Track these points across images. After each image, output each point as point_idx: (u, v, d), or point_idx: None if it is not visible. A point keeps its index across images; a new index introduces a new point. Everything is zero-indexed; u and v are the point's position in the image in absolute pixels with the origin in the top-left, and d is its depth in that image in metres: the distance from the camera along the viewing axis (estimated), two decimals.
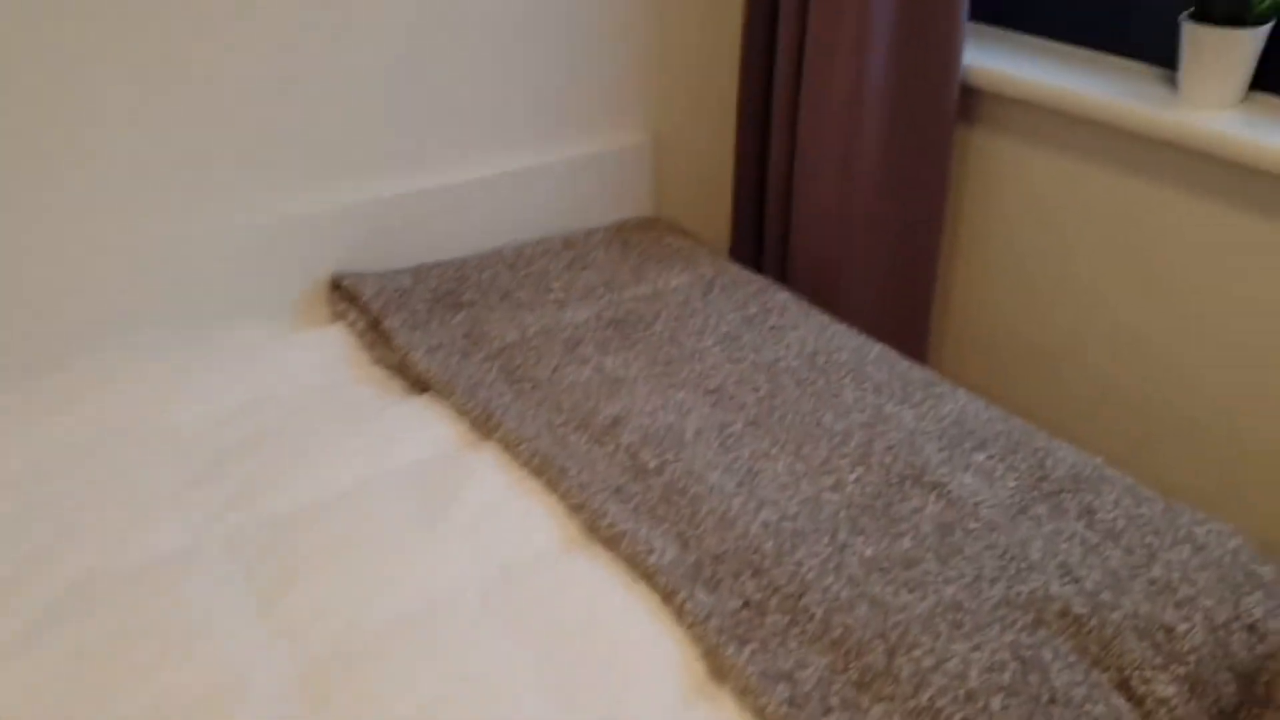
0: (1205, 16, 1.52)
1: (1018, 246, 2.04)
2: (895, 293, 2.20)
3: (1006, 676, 1.17)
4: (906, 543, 1.35)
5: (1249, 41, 1.50)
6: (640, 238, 2.17)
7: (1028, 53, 1.95)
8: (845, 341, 1.76)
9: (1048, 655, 1.20)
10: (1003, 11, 2.03)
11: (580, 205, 2.22)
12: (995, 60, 1.90)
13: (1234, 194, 1.58)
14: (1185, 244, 1.71)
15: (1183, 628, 1.23)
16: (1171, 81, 1.75)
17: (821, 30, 1.94)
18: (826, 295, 2.20)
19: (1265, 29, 1.50)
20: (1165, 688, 1.19)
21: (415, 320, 1.83)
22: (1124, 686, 1.19)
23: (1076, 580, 1.28)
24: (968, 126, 2.04)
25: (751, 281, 1.99)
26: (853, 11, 1.88)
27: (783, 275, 2.35)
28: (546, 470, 1.48)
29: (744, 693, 1.16)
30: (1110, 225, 1.85)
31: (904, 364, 1.69)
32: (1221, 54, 1.52)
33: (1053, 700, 1.15)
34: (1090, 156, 1.80)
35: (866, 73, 1.93)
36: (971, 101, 2.01)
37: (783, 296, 1.93)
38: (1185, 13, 1.55)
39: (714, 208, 2.46)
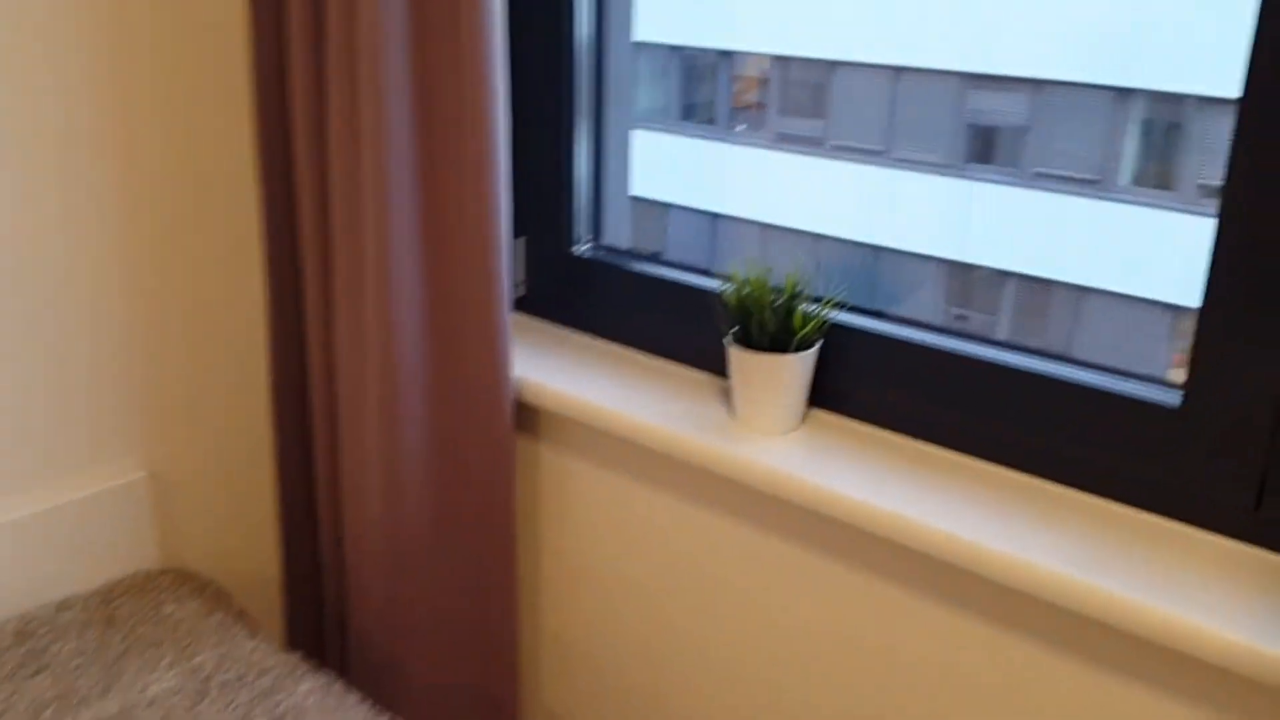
0: (747, 342, 1.27)
1: (605, 575, 1.68)
2: (472, 635, 1.78)
3: None
4: None
5: (796, 365, 1.26)
6: (132, 609, 1.64)
7: (592, 359, 1.63)
8: None
9: None
10: (562, 307, 1.72)
11: (57, 568, 1.67)
12: (551, 370, 1.58)
13: (791, 529, 1.31)
14: (752, 577, 1.41)
15: None
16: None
17: (349, 338, 1.56)
18: (389, 660, 1.74)
19: (812, 351, 1.27)
20: None
21: None
22: None
23: None
24: (534, 441, 1.70)
25: (266, 671, 1.49)
26: (372, 307, 1.51)
27: (342, 624, 1.87)
28: None
29: None
30: (683, 555, 1.53)
31: None
32: (769, 379, 1.26)
33: None
34: (651, 479, 1.50)
35: (400, 395, 1.55)
36: (532, 417, 1.67)
37: (305, 689, 1.45)
38: (729, 334, 1.29)
39: (256, 551, 1.96)
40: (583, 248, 1.63)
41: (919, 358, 1.25)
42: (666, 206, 8.91)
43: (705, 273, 1.50)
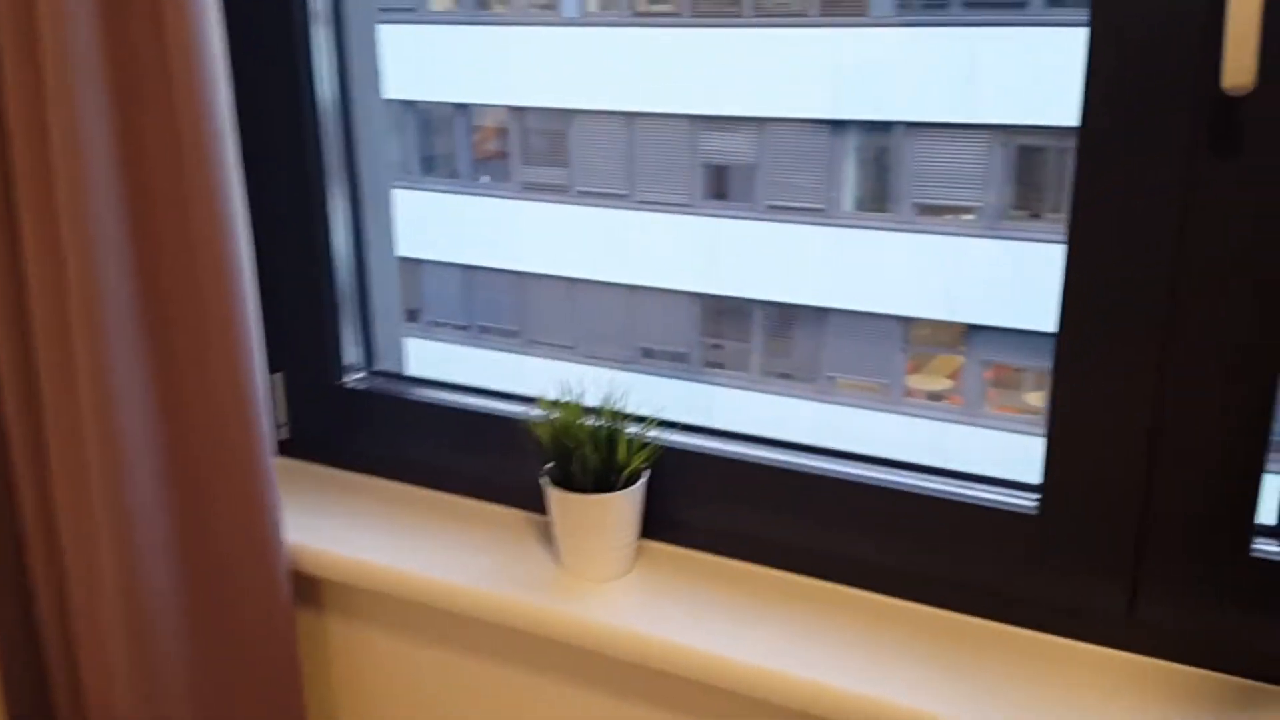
0: (567, 482, 1.08)
1: None
2: None
3: None
4: None
5: (624, 503, 1.09)
6: None
7: (381, 507, 1.37)
8: None
9: None
10: (337, 446, 1.44)
11: None
12: (332, 528, 1.31)
13: (639, 689, 1.14)
14: None
15: None
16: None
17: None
18: None
19: (639, 486, 1.10)
20: None
21: None
22: None
23: None
24: (319, 614, 1.42)
25: None
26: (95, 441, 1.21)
27: None
28: None
29: None
30: None
31: None
32: (597, 522, 1.08)
33: None
34: (469, 647, 1.27)
35: (139, 567, 1.25)
36: (314, 586, 1.39)
37: None
38: (545, 471, 1.09)
39: None
40: (355, 376, 1.39)
41: (756, 475, 1.11)
42: (419, 263, 8.60)
43: (505, 396, 1.30)
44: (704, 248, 7.73)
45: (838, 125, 7.20)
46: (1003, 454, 6.95)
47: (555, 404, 1.09)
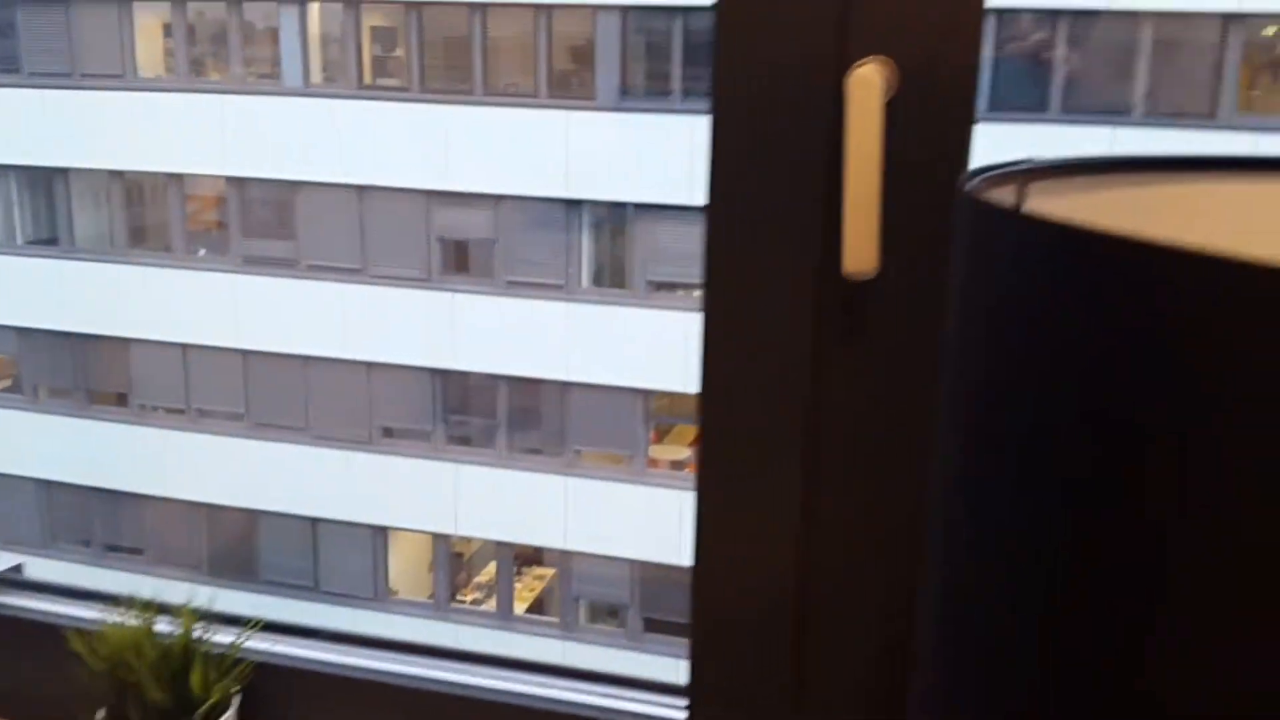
0: None
1: None
2: None
3: None
4: None
5: None
6: None
7: None
8: None
9: None
10: None
11: None
12: None
13: None
14: None
15: None
16: None
17: None
18: None
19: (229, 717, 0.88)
20: None
21: None
22: None
23: None
24: None
25: None
26: None
27: None
28: None
29: None
30: None
31: None
32: None
33: None
34: None
35: None
36: None
37: None
38: (98, 716, 0.85)
39: None
40: None
41: (369, 694, 0.91)
42: (126, 342, 7.89)
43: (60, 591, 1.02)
44: (443, 323, 7.50)
45: (572, 204, 7.19)
46: None
47: (110, 629, 0.85)
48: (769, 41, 0.64)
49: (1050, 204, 0.45)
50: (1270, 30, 6.23)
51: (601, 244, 7.41)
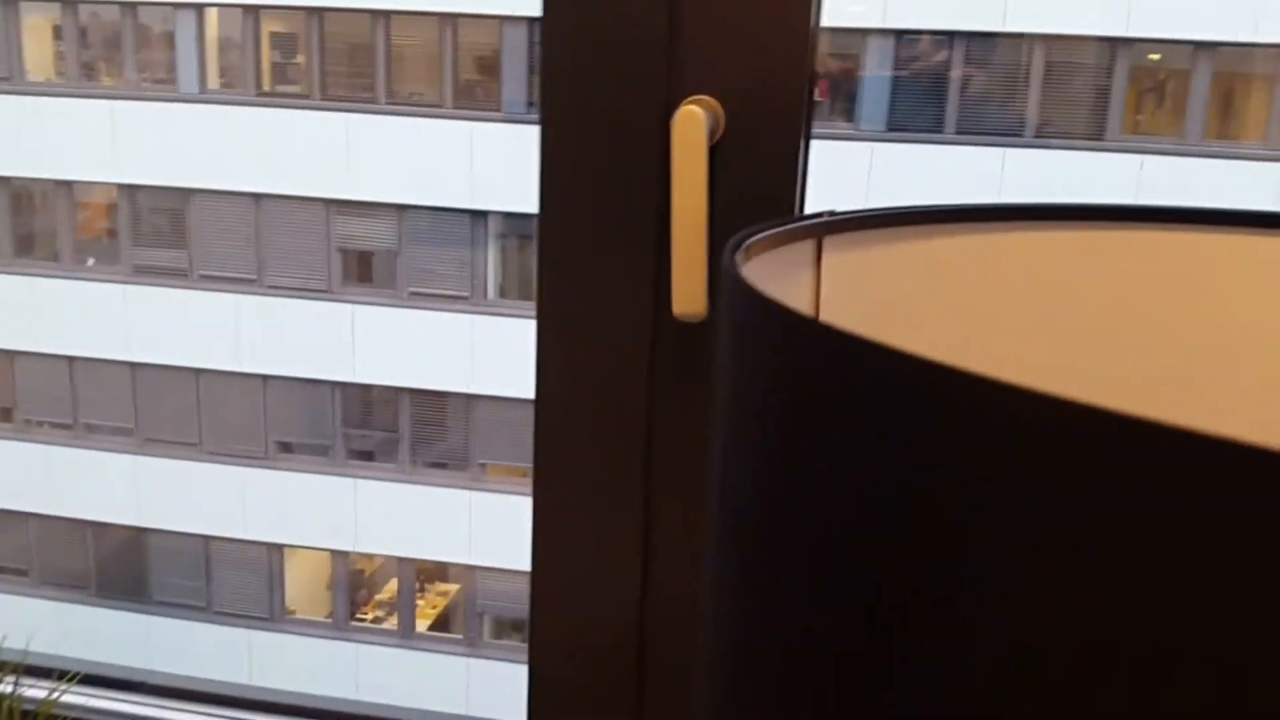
0: None
1: None
2: None
3: None
4: None
5: None
6: None
7: None
8: None
9: None
10: None
11: None
12: None
13: None
14: None
15: None
16: None
17: None
18: None
19: None
20: None
21: None
22: None
23: None
24: None
25: None
26: None
27: None
28: None
29: None
30: None
31: None
32: None
33: None
34: None
35: None
36: None
37: None
38: None
39: None
40: None
41: None
42: (11, 354, 7.56)
43: None
44: (344, 335, 7.35)
45: (477, 214, 7.12)
46: None
47: None
48: (596, 74, 0.61)
49: (846, 258, 0.44)
50: (1155, 56, 6.47)
51: (508, 255, 7.35)
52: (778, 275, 0.40)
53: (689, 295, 0.59)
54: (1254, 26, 6.39)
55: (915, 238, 0.46)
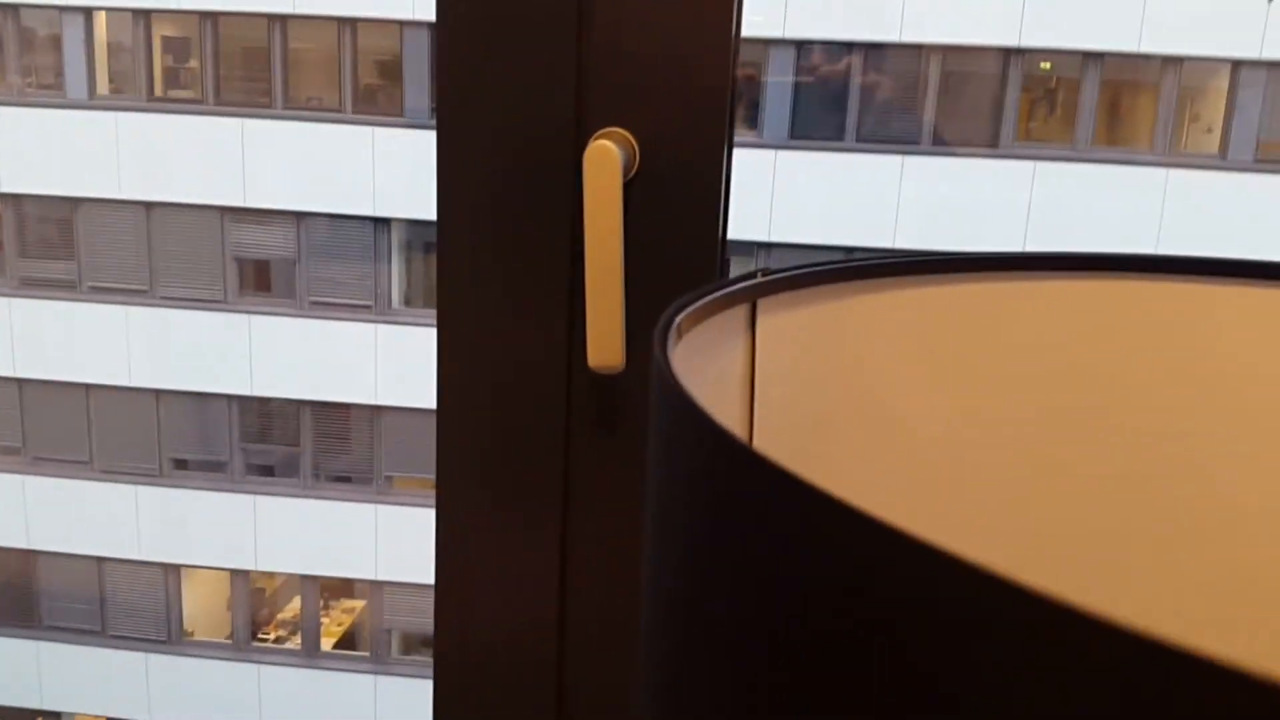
0: None
1: None
2: None
3: None
4: None
5: None
6: None
7: None
8: None
9: None
10: None
11: None
12: None
13: None
14: None
15: None
16: None
17: None
18: None
19: None
20: None
21: None
22: None
23: None
24: None
25: None
26: None
27: None
28: None
29: None
30: None
31: None
32: None
33: None
34: None
35: None
36: None
37: None
38: None
39: None
40: None
41: None
42: None
43: None
44: (241, 346, 7.12)
45: (380, 222, 6.97)
46: None
47: None
48: (498, 100, 0.56)
49: (783, 320, 0.39)
50: (1046, 65, 6.66)
51: (412, 263, 7.22)
52: (711, 346, 0.36)
53: (605, 348, 0.54)
54: (1139, 37, 6.61)
55: (854, 293, 0.42)
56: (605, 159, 0.51)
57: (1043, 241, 6.72)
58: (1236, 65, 6.54)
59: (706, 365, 0.35)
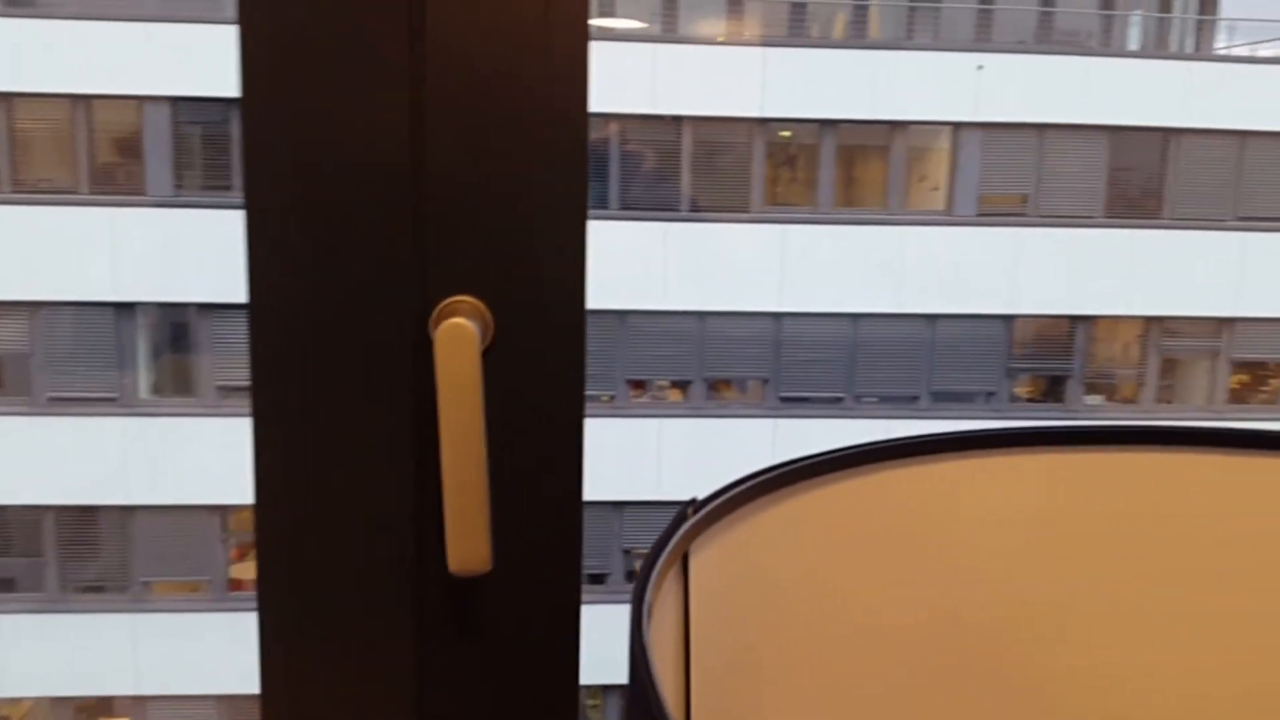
0: None
1: None
2: None
3: None
4: None
5: None
6: None
7: None
8: None
9: None
10: None
11: None
12: None
13: None
14: None
15: None
16: None
17: None
18: None
19: None
20: None
21: None
22: None
23: None
24: None
25: None
26: None
27: None
28: None
29: None
30: None
31: None
32: None
33: None
34: None
35: None
36: None
37: None
38: None
39: None
40: None
41: None
42: None
43: None
44: None
45: (123, 307, 6.46)
46: None
47: None
48: (332, 271, 0.48)
49: (721, 541, 0.34)
50: (785, 133, 7.01)
51: (160, 349, 6.72)
52: (659, 611, 0.29)
53: (469, 547, 0.46)
54: (871, 105, 7.10)
55: (783, 497, 0.37)
56: (459, 335, 0.44)
57: (796, 300, 7.04)
58: (956, 127, 7.13)
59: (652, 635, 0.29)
